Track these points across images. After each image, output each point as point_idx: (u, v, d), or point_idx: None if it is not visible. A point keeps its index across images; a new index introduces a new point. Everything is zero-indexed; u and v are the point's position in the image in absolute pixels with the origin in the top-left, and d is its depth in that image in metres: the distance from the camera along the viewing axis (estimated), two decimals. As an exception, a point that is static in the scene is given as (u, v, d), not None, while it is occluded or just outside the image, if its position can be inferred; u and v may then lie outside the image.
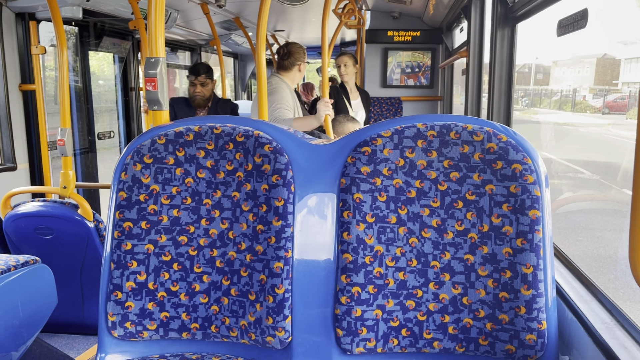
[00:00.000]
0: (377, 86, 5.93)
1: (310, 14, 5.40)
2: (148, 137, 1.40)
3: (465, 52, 3.67)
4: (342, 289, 1.30)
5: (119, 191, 1.38)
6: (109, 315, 1.37)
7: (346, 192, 1.31)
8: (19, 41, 3.43)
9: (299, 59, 3.27)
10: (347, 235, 1.30)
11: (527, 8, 2.36)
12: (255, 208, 1.35)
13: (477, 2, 3.50)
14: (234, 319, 1.35)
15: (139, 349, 1.39)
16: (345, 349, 1.30)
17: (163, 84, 1.48)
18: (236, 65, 8.57)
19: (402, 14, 5.73)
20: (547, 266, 1.23)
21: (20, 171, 3.45)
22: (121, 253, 1.37)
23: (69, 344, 2.85)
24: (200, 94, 3.72)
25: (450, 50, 5.21)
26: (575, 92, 13.68)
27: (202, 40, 6.26)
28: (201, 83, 3.72)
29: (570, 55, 4.49)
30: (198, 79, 3.71)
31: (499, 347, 1.24)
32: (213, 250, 1.37)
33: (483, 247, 1.26)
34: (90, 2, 3.34)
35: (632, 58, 3.28)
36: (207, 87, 3.77)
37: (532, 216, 1.23)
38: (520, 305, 1.22)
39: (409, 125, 1.31)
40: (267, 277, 1.32)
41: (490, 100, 2.74)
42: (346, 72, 4.44)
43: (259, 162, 1.35)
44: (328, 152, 1.37)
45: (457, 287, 1.27)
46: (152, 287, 1.37)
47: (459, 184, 1.28)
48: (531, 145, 1.27)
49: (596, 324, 1.18)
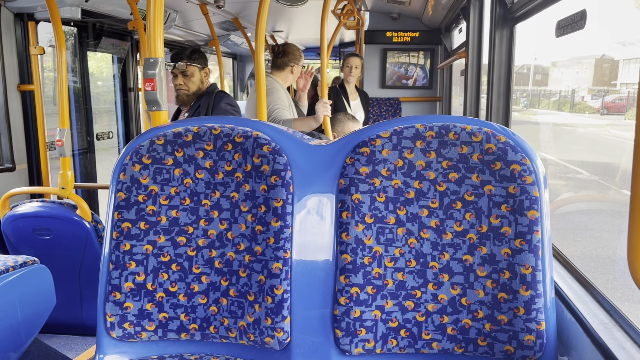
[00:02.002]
0: (376, 87, 5.94)
1: (309, 15, 5.40)
2: (147, 138, 1.40)
3: (464, 53, 3.67)
4: (341, 290, 1.30)
5: (117, 192, 1.38)
6: (107, 316, 1.36)
7: (345, 192, 1.31)
8: (17, 42, 3.43)
9: (293, 60, 3.25)
10: (345, 235, 1.30)
11: (525, 9, 2.36)
12: (254, 209, 1.35)
13: (475, 3, 3.51)
14: (233, 319, 1.35)
15: (138, 350, 1.39)
16: (344, 350, 1.30)
17: (162, 85, 1.48)
18: (235, 66, 8.57)
19: (401, 14, 5.74)
20: (546, 267, 1.23)
21: (18, 172, 3.45)
22: (120, 254, 1.37)
23: (67, 344, 2.85)
24: (183, 88, 2.78)
25: (449, 51, 5.22)
26: (574, 93, 13.70)
27: (201, 41, 6.26)
28: (182, 72, 2.74)
29: (569, 56, 4.49)
30: (177, 66, 2.74)
31: (498, 347, 1.24)
32: (212, 251, 1.37)
33: (482, 247, 1.26)
34: (89, 2, 3.34)
35: (630, 59, 3.28)
36: (193, 79, 2.76)
37: (530, 217, 1.23)
38: (519, 305, 1.23)
39: (407, 126, 1.31)
40: (266, 278, 1.32)
41: (489, 101, 2.74)
42: (354, 74, 4.41)
43: (258, 162, 1.35)
44: (327, 152, 1.37)
45: (455, 287, 1.27)
46: (151, 288, 1.37)
47: (457, 185, 1.28)
48: (530, 146, 1.27)
49: (595, 325, 1.18)
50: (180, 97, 2.79)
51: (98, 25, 4.47)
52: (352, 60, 4.41)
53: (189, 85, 2.74)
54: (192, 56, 2.76)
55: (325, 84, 3.33)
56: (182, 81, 2.75)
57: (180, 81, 2.75)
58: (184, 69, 2.72)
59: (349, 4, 4.25)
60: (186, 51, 2.77)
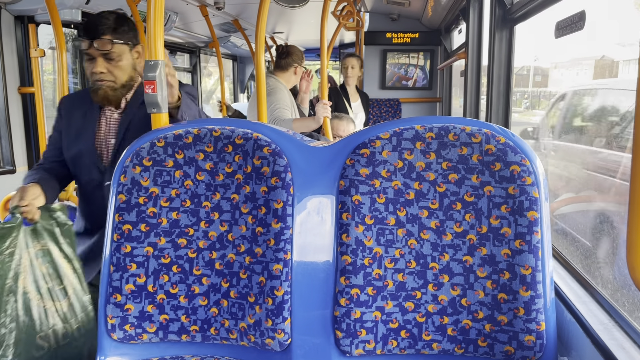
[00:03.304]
0: (376, 88, 5.94)
1: (309, 16, 5.41)
2: (147, 140, 1.40)
3: (464, 54, 3.67)
4: (341, 291, 1.30)
5: (118, 194, 1.38)
6: (108, 318, 1.37)
7: (345, 194, 1.32)
8: (18, 44, 3.44)
9: (296, 61, 3.27)
10: (346, 237, 1.31)
11: (525, 10, 2.36)
12: (255, 210, 1.35)
13: (475, 4, 3.51)
14: (234, 321, 1.35)
15: (139, 352, 1.40)
16: (345, 351, 1.30)
17: (162, 87, 1.49)
18: (235, 68, 8.58)
19: (401, 15, 5.74)
20: (546, 267, 1.24)
21: (19, 174, 3.45)
22: (120, 256, 1.37)
23: (68, 346, 2.84)
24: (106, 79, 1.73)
25: (449, 52, 5.22)
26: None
27: (201, 42, 6.27)
28: (104, 54, 1.70)
29: (569, 57, 4.50)
30: (95, 44, 1.68)
31: (498, 348, 1.25)
32: (212, 253, 1.38)
33: (482, 248, 1.26)
34: (90, 4, 3.35)
35: (630, 60, 3.29)
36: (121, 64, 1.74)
37: (530, 217, 1.23)
38: (519, 306, 1.23)
39: (407, 127, 1.32)
40: (267, 279, 1.32)
41: (488, 102, 2.74)
42: (352, 75, 4.43)
43: (258, 164, 1.36)
44: (327, 154, 1.37)
45: (456, 288, 1.27)
46: (152, 290, 1.37)
47: (457, 186, 1.28)
48: (529, 147, 1.27)
49: (594, 325, 1.18)
50: (101, 92, 1.73)
51: (98, 27, 4.46)
52: (347, 60, 4.45)
53: (115, 73, 1.73)
54: (119, 28, 1.71)
55: (325, 85, 3.33)
56: (103, 68, 1.71)
57: (102, 68, 1.70)
58: (108, 49, 1.69)
59: (349, 5, 4.26)
60: (108, 20, 1.70)
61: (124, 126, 1.81)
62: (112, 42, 1.69)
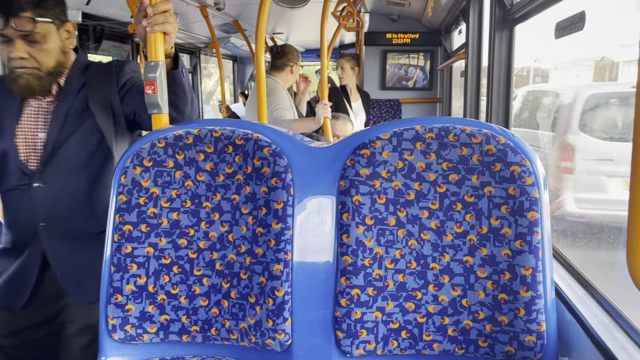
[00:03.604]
0: (376, 88, 5.94)
1: (309, 17, 5.41)
2: (147, 141, 1.41)
3: (464, 54, 3.68)
4: (342, 291, 1.30)
5: (118, 194, 1.39)
6: (109, 319, 1.37)
7: (345, 194, 1.32)
8: None
9: (292, 60, 3.28)
10: (346, 237, 1.31)
11: (525, 10, 2.37)
12: (255, 211, 1.35)
13: (475, 5, 3.52)
14: (234, 321, 1.36)
15: (140, 352, 1.40)
16: (345, 351, 1.30)
17: (162, 88, 1.49)
18: (235, 68, 8.59)
19: (401, 16, 5.75)
20: (546, 268, 1.24)
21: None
22: (121, 256, 1.37)
23: (68, 347, 2.85)
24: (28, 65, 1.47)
25: (449, 52, 5.22)
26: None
27: (201, 43, 6.27)
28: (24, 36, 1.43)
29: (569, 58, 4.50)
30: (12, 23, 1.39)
31: (499, 348, 1.25)
32: (213, 253, 1.38)
33: (482, 249, 1.26)
34: (90, 5, 3.35)
35: (630, 61, 3.29)
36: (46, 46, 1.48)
37: (530, 218, 1.23)
38: (519, 306, 1.23)
39: (407, 128, 1.32)
40: (267, 280, 1.32)
41: (488, 102, 2.74)
42: (343, 75, 4.46)
43: (259, 164, 1.36)
44: (327, 154, 1.37)
45: (456, 288, 1.27)
46: (152, 290, 1.37)
47: (457, 186, 1.28)
48: (529, 147, 1.28)
49: (595, 325, 1.18)
50: (22, 80, 1.47)
51: (99, 28, 4.48)
52: (337, 62, 4.52)
53: (39, 58, 1.47)
54: (43, 2, 1.44)
55: (325, 86, 3.34)
56: (24, 52, 1.44)
57: (22, 52, 1.44)
58: (29, 30, 1.41)
59: (349, 6, 4.27)
60: None
61: (60, 116, 1.51)
62: (34, 21, 1.39)
